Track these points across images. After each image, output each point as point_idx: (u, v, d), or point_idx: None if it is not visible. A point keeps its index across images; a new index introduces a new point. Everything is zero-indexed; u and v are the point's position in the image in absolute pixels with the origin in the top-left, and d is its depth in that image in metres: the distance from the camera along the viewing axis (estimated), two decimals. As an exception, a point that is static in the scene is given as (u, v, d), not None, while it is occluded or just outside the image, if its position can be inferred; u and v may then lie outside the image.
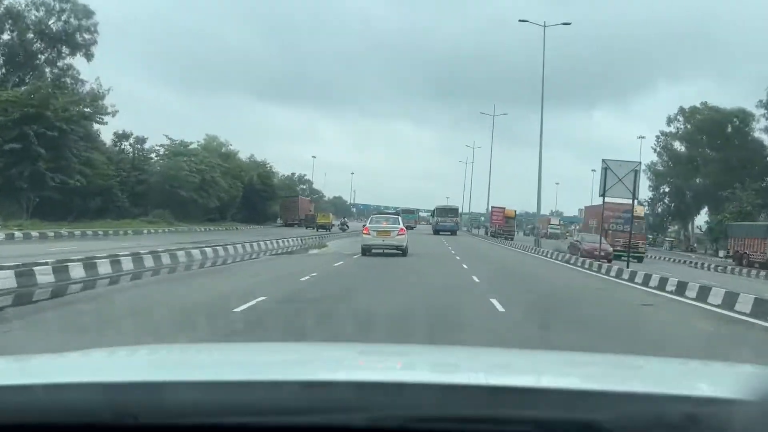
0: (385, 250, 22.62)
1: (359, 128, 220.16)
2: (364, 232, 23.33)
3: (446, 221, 66.22)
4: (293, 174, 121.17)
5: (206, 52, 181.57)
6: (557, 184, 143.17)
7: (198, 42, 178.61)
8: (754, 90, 61.38)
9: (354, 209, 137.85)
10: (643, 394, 1.30)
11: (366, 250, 22.57)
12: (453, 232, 63.50)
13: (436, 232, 62.99)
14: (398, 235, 22.77)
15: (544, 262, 28.28)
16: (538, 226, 49.79)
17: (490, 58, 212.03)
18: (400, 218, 25.53)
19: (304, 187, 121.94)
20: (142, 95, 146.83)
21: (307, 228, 59.78)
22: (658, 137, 67.90)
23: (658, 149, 68.05)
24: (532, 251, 35.79)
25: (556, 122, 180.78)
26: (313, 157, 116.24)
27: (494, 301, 10.69)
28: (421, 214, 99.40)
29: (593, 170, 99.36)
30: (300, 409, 1.15)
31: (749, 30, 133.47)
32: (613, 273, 20.00)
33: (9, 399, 1.18)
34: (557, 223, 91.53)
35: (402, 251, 22.50)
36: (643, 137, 71.32)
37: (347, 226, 58.05)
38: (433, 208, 78.71)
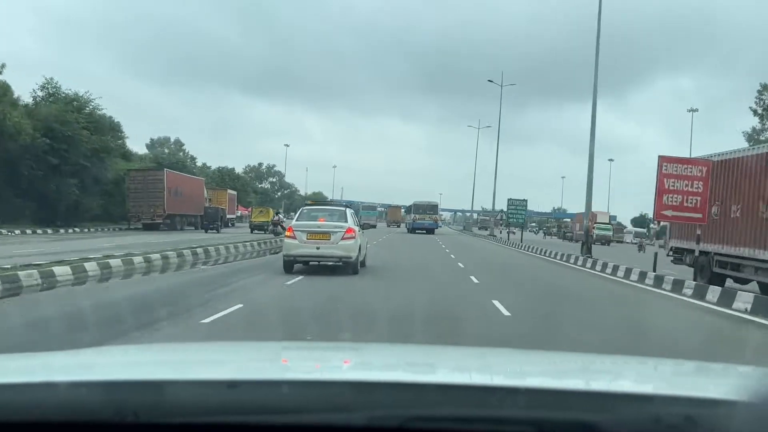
0: (321, 262, 14.82)
1: (349, 125, 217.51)
2: (287, 233, 15.02)
3: (424, 219, 58.35)
4: (260, 164, 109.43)
5: (185, 43, 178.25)
6: (563, 178, 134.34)
7: (177, 33, 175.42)
8: (756, 80, 51.64)
9: None
10: (642, 394, 1.33)
11: (291, 264, 14.56)
12: (430, 231, 57.11)
13: (412, 230, 57.70)
14: (343, 239, 14.35)
15: None
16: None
17: (482, 50, 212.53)
18: (348, 212, 15.72)
19: (274, 180, 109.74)
20: (120, 87, 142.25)
21: (207, 231, 40.39)
22: (759, 93, 44.80)
23: (759, 111, 44.78)
24: None
25: (550, 117, 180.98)
26: (286, 145, 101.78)
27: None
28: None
29: (610, 159, 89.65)
30: (300, 408, 1.16)
31: (749, 19, 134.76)
32: None
33: (10, 397, 1.18)
34: (607, 221, 62.76)
35: (350, 265, 14.47)
36: (696, 110, 60.10)
37: (282, 227, 32.28)
38: (410, 204, 66.07)
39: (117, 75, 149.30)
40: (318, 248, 14.36)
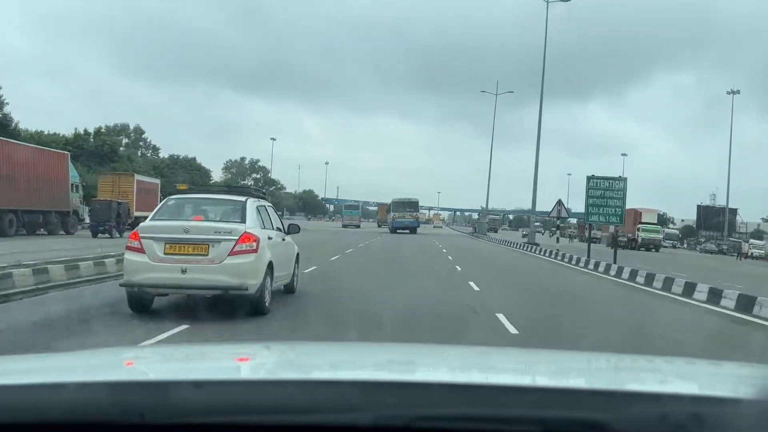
0: (190, 293, 8.81)
1: (346, 123, 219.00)
2: (130, 241, 8.47)
3: (405, 217, 56.55)
4: (242, 159, 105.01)
5: (177, 39, 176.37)
6: (569, 175, 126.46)
7: (168, 29, 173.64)
8: (756, 75, 53.62)
9: (331, 206, 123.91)
10: (648, 393, 1.33)
11: (137, 301, 8.36)
12: (413, 231, 55.16)
13: (393, 230, 55.67)
14: (233, 254, 8.14)
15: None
16: None
17: (481, 48, 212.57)
18: (250, 205, 8.96)
19: (258, 176, 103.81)
20: (108, 84, 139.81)
21: (96, 235, 26.78)
22: None
23: None
24: None
25: (548, 116, 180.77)
26: (273, 139, 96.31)
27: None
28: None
29: (624, 154, 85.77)
30: (305, 408, 1.16)
31: (749, 14, 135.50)
32: None
33: (16, 398, 1.19)
34: (655, 220, 47.93)
35: (246, 300, 8.30)
36: (737, 92, 59.42)
37: None
38: (390, 202, 63.85)
39: (113, 73, 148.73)
40: (184, 271, 8.06)
